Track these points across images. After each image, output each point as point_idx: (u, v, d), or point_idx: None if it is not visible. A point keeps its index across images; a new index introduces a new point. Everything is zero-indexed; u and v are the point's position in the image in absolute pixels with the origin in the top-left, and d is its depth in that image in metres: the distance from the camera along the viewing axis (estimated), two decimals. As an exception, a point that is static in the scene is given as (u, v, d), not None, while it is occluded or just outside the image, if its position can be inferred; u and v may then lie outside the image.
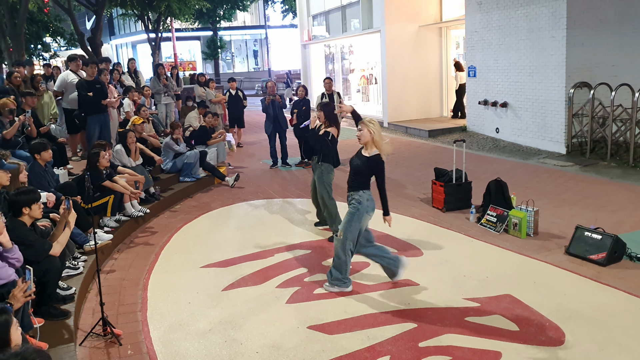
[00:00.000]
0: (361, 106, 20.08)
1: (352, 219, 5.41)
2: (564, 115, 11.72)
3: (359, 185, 5.47)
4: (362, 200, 5.41)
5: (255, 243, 7.05)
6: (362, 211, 5.40)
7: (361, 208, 5.39)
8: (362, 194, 5.42)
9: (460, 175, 8.20)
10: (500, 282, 5.59)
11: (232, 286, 5.75)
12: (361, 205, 5.39)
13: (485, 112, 14.24)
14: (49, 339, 4.27)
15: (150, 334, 4.81)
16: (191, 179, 9.93)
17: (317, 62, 23.52)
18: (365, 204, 5.40)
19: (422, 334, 4.65)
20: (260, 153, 13.40)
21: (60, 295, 5.02)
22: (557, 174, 10.14)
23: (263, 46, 47.93)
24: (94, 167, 7.13)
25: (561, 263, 6.03)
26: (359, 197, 5.42)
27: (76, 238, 6.06)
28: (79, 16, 27.70)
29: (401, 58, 16.73)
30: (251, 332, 4.77)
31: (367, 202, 5.42)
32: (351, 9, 19.61)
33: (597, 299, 5.19)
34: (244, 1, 39.40)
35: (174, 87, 13.99)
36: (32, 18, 22.12)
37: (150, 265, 6.44)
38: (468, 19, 14.49)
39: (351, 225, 5.42)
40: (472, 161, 11.05)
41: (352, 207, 5.43)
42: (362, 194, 5.42)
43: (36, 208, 4.77)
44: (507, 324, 4.76)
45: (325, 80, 11.82)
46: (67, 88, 9.91)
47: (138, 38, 42.94)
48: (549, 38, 11.84)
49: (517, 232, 6.86)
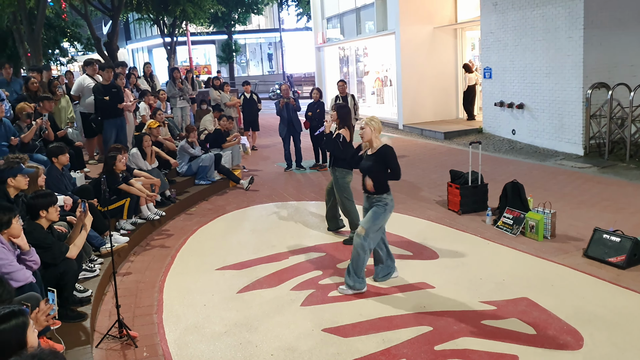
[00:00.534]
0: (376, 108, 20.06)
1: (378, 218, 5.46)
2: (581, 116, 11.59)
3: (380, 188, 5.48)
4: (388, 201, 5.49)
5: (270, 246, 7.05)
6: (388, 211, 5.50)
7: (387, 208, 5.49)
8: (387, 196, 5.50)
9: (476, 177, 8.14)
10: (517, 285, 5.54)
11: (247, 289, 5.76)
12: (387, 206, 5.49)
13: (501, 113, 14.13)
14: (66, 340, 4.30)
15: (166, 336, 4.82)
16: (206, 182, 9.97)
17: (332, 65, 23.51)
18: (390, 204, 5.51)
19: (438, 337, 4.61)
20: (274, 156, 13.42)
21: (77, 298, 5.05)
22: (575, 175, 10.03)
23: (277, 49, 48.08)
24: (111, 171, 7.19)
25: (579, 266, 5.96)
26: (384, 199, 5.48)
27: (93, 241, 6.11)
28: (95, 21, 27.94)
29: (416, 60, 16.68)
30: (266, 335, 4.76)
31: (391, 202, 5.53)
32: (365, 11, 19.59)
33: (616, 302, 5.11)
34: (258, 5, 39.57)
35: (189, 90, 14.07)
36: (50, 24, 22.42)
37: (166, 267, 6.46)
38: (483, 20, 14.40)
39: (374, 224, 5.46)
40: (488, 163, 10.96)
41: (378, 207, 5.47)
42: (386, 197, 5.49)
43: (53, 211, 4.81)
44: (524, 328, 4.70)
45: (339, 82, 11.80)
46: (83, 92, 9.99)
47: (154, 42, 43.31)
48: (565, 38, 11.73)
49: (534, 235, 6.79)
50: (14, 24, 17.21)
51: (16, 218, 4.23)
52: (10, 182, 5.29)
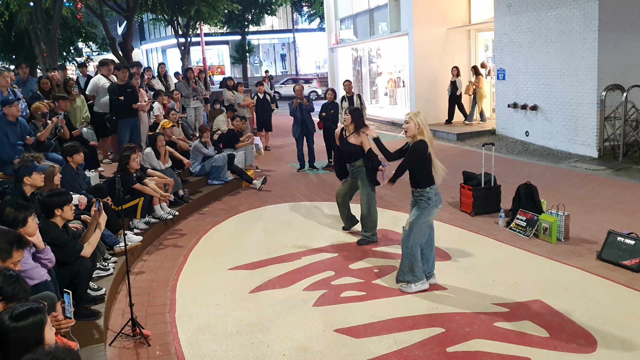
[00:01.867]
0: (389, 109, 20.03)
1: (422, 214, 5.42)
2: (595, 118, 11.50)
3: (421, 181, 5.42)
4: (431, 195, 5.41)
5: (282, 246, 7.07)
6: (432, 205, 5.42)
7: (431, 203, 5.41)
8: (430, 190, 5.41)
9: (489, 178, 8.10)
10: (530, 288, 5.51)
11: (259, 288, 5.78)
12: (431, 200, 5.40)
13: (514, 115, 14.06)
14: (80, 338, 4.33)
15: (179, 335, 4.86)
16: (219, 182, 10.02)
17: (345, 66, 23.51)
18: (433, 199, 5.42)
19: (450, 339, 4.60)
20: (287, 156, 13.45)
21: (91, 296, 5.11)
22: (589, 178, 9.95)
23: (291, 50, 48.16)
24: (125, 170, 7.25)
25: (593, 269, 5.92)
26: (427, 193, 5.41)
27: (106, 239, 6.17)
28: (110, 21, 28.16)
29: (429, 61, 16.64)
30: (278, 335, 4.78)
31: (435, 196, 5.43)
32: (379, 12, 19.57)
33: (630, 305, 5.08)
34: (272, 5, 39.66)
35: (202, 91, 14.14)
36: (66, 24, 22.59)
37: (179, 267, 6.51)
38: (497, 21, 14.34)
39: (420, 219, 5.42)
40: (501, 165, 10.91)
41: (423, 202, 5.41)
42: (429, 190, 5.40)
43: (68, 210, 4.86)
44: (537, 330, 4.68)
45: (345, 82, 11.84)
46: (98, 92, 10.08)
47: (168, 43, 43.57)
48: (580, 40, 11.64)
49: (548, 237, 6.76)
50: (31, 24, 17.36)
51: (32, 216, 4.28)
52: (27, 181, 5.36)
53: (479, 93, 15.77)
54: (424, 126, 5.34)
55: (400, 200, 8.95)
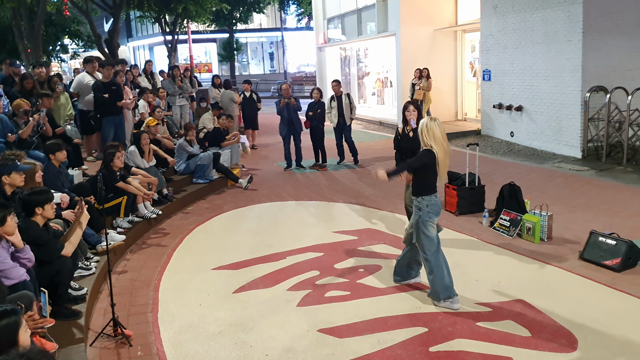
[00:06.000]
0: (376, 109, 20.05)
1: (417, 227, 5.14)
2: (579, 119, 11.60)
3: (417, 188, 5.16)
4: (422, 206, 5.11)
5: (267, 245, 7.05)
6: (424, 217, 5.09)
7: (422, 215, 5.10)
8: (422, 200, 5.10)
9: (473, 178, 8.14)
10: (513, 287, 5.54)
11: (243, 289, 5.76)
12: (421, 211, 5.11)
13: (499, 115, 14.13)
14: (60, 339, 4.29)
15: (161, 335, 4.82)
16: (204, 180, 9.96)
17: (333, 65, 23.51)
18: (425, 210, 5.08)
19: (432, 338, 4.61)
20: (274, 155, 13.42)
21: (72, 296, 5.05)
22: (572, 178, 10.03)
23: (279, 48, 48.09)
24: (108, 168, 7.19)
25: (575, 268, 5.96)
26: (418, 202, 5.14)
27: (89, 238, 6.11)
28: (97, 18, 27.93)
29: (416, 61, 16.64)
30: (261, 335, 4.76)
31: (426, 207, 5.09)
32: (367, 12, 19.59)
33: (611, 305, 5.12)
34: (260, 3, 39.57)
35: (188, 88, 14.07)
36: (51, 20, 22.41)
37: (162, 266, 6.46)
38: (483, 22, 14.40)
39: (418, 231, 5.15)
40: (486, 165, 10.97)
41: (415, 210, 5.16)
42: (421, 200, 5.11)
43: (49, 208, 4.81)
44: (519, 330, 4.71)
45: (333, 82, 11.87)
46: (83, 89, 10.00)
47: (155, 40, 43.34)
48: (565, 42, 11.73)
49: (531, 237, 6.80)
50: (14, 20, 17.19)
51: (11, 215, 4.23)
52: (5, 180, 5.28)
53: (427, 97, 15.37)
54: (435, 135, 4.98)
55: (387, 199, 8.96)
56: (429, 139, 5.01)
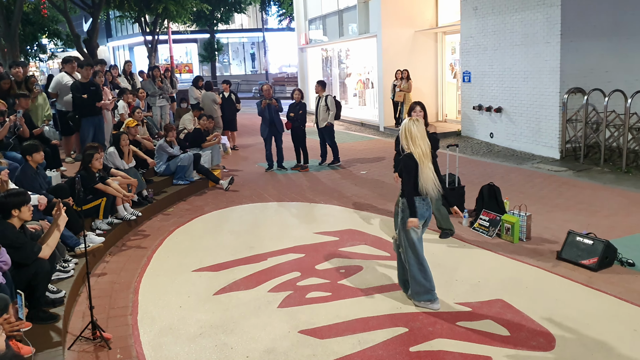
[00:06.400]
0: (358, 110, 20.11)
1: (401, 226, 5.17)
2: (558, 120, 11.75)
3: (403, 189, 5.17)
4: (404, 207, 5.12)
5: (248, 247, 7.03)
6: (405, 219, 5.09)
7: (404, 216, 5.12)
8: (404, 201, 5.13)
9: (453, 179, 8.20)
10: (492, 287, 5.59)
11: (223, 290, 5.74)
12: (403, 213, 5.13)
13: (479, 117, 14.26)
14: (37, 342, 4.24)
15: (140, 337, 4.78)
16: (185, 182, 9.90)
17: (314, 66, 23.53)
18: (406, 211, 5.08)
19: (413, 338, 4.64)
20: (255, 156, 13.38)
21: (50, 299, 4.99)
22: (551, 179, 10.15)
23: (260, 49, 47.99)
24: (87, 169, 7.11)
25: (553, 268, 6.03)
26: (402, 204, 5.17)
27: (67, 241, 6.05)
28: (76, 18, 27.65)
29: (397, 63, 16.74)
30: (242, 337, 4.75)
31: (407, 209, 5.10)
32: (348, 13, 19.64)
33: (587, 304, 5.19)
34: (241, 4, 39.45)
35: (169, 89, 13.97)
36: (28, 19, 22.11)
37: (142, 268, 6.41)
38: (464, 24, 14.52)
39: (406, 237, 5.15)
40: (466, 166, 11.06)
41: (399, 211, 5.22)
42: (404, 201, 5.13)
43: (26, 210, 4.74)
44: (498, 329, 4.75)
45: (316, 84, 11.91)
46: (61, 90, 9.88)
47: (135, 40, 43.01)
48: (543, 44, 11.87)
49: (510, 237, 6.87)
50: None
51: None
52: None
53: (407, 99, 15.44)
54: (413, 136, 5.01)
55: (369, 200, 8.98)
56: (406, 141, 5.04)
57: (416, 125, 5.05)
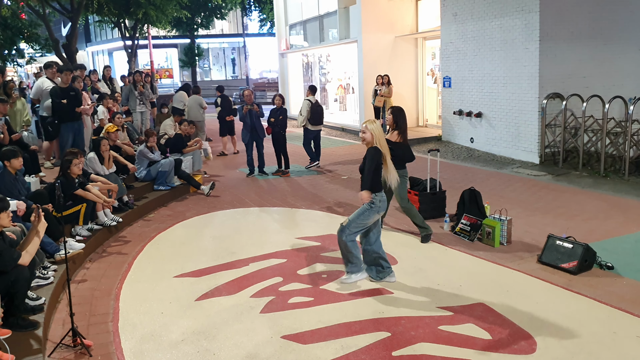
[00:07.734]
0: (338, 115, 20.15)
1: (363, 216, 5.70)
2: (537, 125, 11.90)
3: (373, 186, 5.68)
4: (375, 201, 5.68)
5: (230, 252, 7.00)
6: (374, 210, 5.70)
7: (374, 208, 5.69)
8: (375, 196, 5.67)
9: (434, 184, 8.26)
10: (474, 291, 5.63)
11: (205, 296, 5.70)
12: (374, 205, 5.68)
13: (460, 122, 14.39)
14: (17, 350, 4.18)
15: (122, 344, 4.74)
16: (166, 187, 9.84)
17: (295, 71, 23.55)
18: (377, 204, 5.70)
19: (395, 343, 4.65)
20: (236, 162, 13.34)
21: (30, 306, 4.91)
22: (531, 183, 10.27)
23: (241, 54, 47.92)
24: (66, 175, 7.03)
25: (533, 271, 6.10)
26: (373, 197, 5.66)
27: (47, 247, 5.97)
28: (55, 22, 27.34)
29: (378, 68, 16.84)
30: (224, 343, 4.73)
31: (379, 202, 5.71)
32: (329, 19, 19.70)
33: (568, 307, 5.26)
34: (222, 9, 39.37)
35: (149, 95, 13.88)
36: (6, 24, 21.80)
37: (123, 274, 6.35)
38: (443, 29, 14.66)
39: (358, 219, 5.71)
40: (447, 170, 11.15)
41: (367, 204, 5.68)
42: (374, 196, 5.67)
43: (5, 217, 4.66)
44: (480, 333, 4.79)
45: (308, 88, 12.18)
46: (42, 95, 9.77)
47: (114, 45, 42.64)
48: (522, 49, 12.03)
49: (491, 241, 6.93)
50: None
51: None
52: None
53: (388, 104, 15.44)
54: (380, 134, 5.69)
55: (351, 204, 9.00)
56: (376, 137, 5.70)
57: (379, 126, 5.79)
